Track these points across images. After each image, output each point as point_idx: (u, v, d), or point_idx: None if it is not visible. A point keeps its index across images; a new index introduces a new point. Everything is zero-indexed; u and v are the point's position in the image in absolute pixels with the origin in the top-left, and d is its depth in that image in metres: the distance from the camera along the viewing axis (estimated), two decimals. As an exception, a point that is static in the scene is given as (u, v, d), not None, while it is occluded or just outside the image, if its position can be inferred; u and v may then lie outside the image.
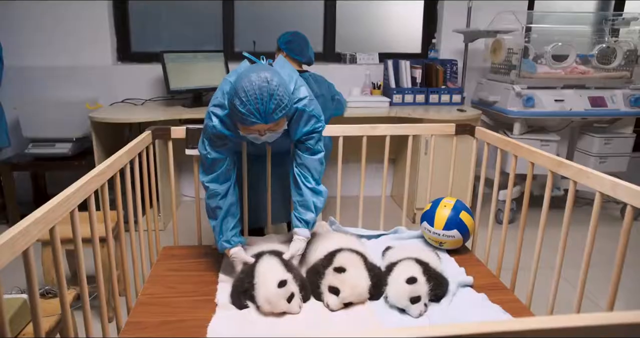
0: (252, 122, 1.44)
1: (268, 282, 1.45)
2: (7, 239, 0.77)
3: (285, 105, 1.45)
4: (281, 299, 1.43)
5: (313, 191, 1.74)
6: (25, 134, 3.03)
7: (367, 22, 3.65)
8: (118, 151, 1.42)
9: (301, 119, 1.67)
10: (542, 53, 3.19)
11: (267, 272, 1.50)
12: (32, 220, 0.86)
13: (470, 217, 1.85)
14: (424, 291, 1.46)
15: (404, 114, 3.01)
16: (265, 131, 1.51)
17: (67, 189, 1.04)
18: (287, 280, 1.46)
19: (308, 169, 1.74)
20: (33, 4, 3.17)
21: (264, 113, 1.42)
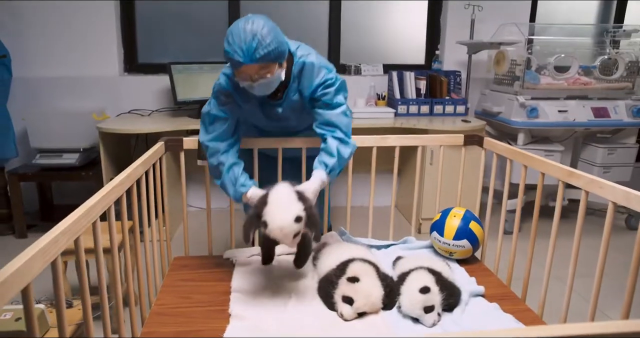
0: (237, 61, 1.49)
1: (285, 213, 1.38)
2: (40, 248, 0.78)
3: (268, 44, 1.49)
4: (292, 233, 1.38)
5: (340, 140, 1.69)
6: (33, 145, 3.05)
7: (370, 34, 3.69)
8: (135, 162, 1.44)
9: (309, 72, 1.67)
10: (545, 64, 3.23)
11: (282, 199, 1.42)
12: (60, 230, 0.87)
13: (480, 227, 1.87)
14: (437, 300, 1.47)
15: (410, 125, 3.04)
16: (255, 77, 1.54)
17: (89, 200, 1.06)
18: (302, 218, 1.39)
19: (332, 123, 1.69)
20: (41, 16, 3.20)
21: (247, 51, 1.48)
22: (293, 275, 1.75)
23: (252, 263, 1.82)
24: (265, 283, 1.69)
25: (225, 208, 3.48)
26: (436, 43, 3.67)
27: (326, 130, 1.70)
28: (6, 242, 3.02)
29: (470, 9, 3.39)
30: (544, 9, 3.78)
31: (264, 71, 1.54)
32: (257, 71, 1.53)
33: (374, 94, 3.46)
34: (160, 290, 1.66)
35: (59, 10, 3.22)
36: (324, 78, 1.67)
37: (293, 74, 1.71)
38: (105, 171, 2.89)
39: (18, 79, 3.16)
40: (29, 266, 0.74)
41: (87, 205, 1.01)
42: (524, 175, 1.68)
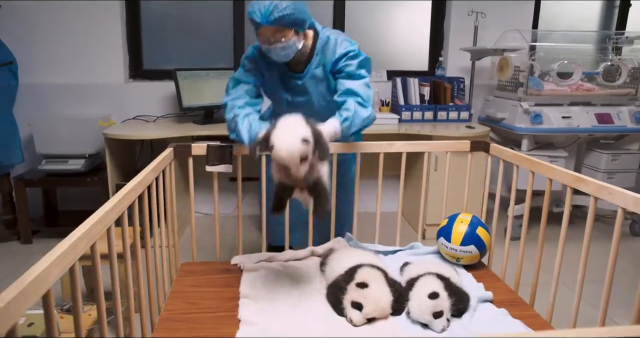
0: (255, 22, 1.66)
1: (291, 134, 1.35)
2: (59, 254, 0.79)
3: (284, 8, 1.63)
4: (298, 154, 1.33)
5: (359, 103, 1.73)
6: (39, 150, 3.06)
7: (374, 40, 3.72)
8: (145, 168, 1.45)
9: (332, 44, 1.81)
10: (548, 71, 3.25)
11: (290, 123, 1.40)
12: (78, 236, 0.88)
13: (487, 232, 1.87)
14: (446, 306, 1.48)
15: (414, 131, 3.05)
16: (272, 40, 1.69)
17: (104, 206, 1.07)
18: (309, 140, 1.36)
19: (353, 92, 1.74)
20: (48, 23, 3.23)
21: (264, 13, 1.63)
22: (301, 281, 1.75)
23: (260, 269, 1.83)
24: (273, 288, 1.69)
25: (231, 215, 3.50)
26: (439, 49, 3.70)
27: (346, 97, 1.75)
28: (11, 247, 3.03)
29: (474, 16, 3.41)
30: (546, 15, 3.81)
31: (279, 35, 1.68)
32: (273, 34, 1.68)
33: (378, 100, 3.47)
34: (168, 295, 1.67)
35: (65, 17, 3.25)
36: (347, 49, 1.78)
37: (317, 49, 1.85)
38: (110, 177, 2.90)
39: (24, 85, 3.18)
40: (49, 272, 0.75)
41: (102, 211, 1.02)
42: (531, 181, 1.69)
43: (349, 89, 1.77)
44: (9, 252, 2.95)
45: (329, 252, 1.90)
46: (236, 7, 3.45)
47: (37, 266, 0.74)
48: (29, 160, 3.24)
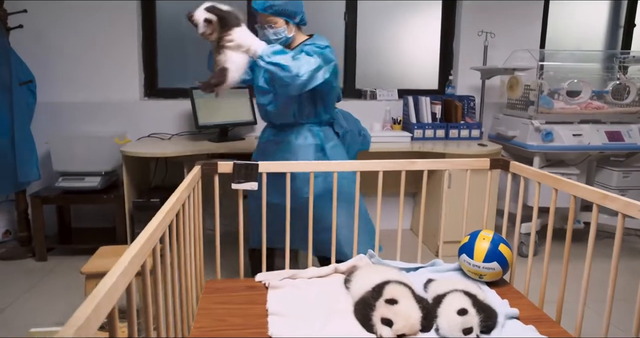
0: (253, 8, 2.03)
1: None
2: (121, 272, 0.81)
3: (275, 2, 2.00)
4: (203, 16, 1.82)
5: (294, 59, 1.90)
6: (56, 168, 3.09)
7: (384, 59, 3.78)
8: (179, 186, 1.47)
9: (312, 40, 2.13)
10: (556, 89, 3.30)
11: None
12: (133, 254, 0.90)
13: (509, 249, 1.89)
14: (475, 322, 1.49)
15: (427, 149, 3.09)
16: (265, 25, 2.06)
17: (150, 225, 1.09)
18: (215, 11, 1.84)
19: (298, 56, 1.93)
20: (65, 42, 3.29)
21: (261, 2, 2.00)
22: (327, 298, 1.76)
23: (285, 286, 1.84)
24: (301, 305, 1.70)
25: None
26: (449, 68, 3.76)
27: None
28: (27, 265, 3.04)
29: (484, 36, 3.48)
30: (552, 35, 3.88)
31: (271, 21, 2.05)
32: (266, 20, 2.04)
33: (390, 118, 3.52)
34: (196, 313, 1.68)
35: (82, 37, 3.31)
36: (317, 43, 2.03)
37: (303, 44, 2.12)
38: (127, 194, 2.93)
39: (42, 104, 3.23)
40: (115, 289, 0.77)
41: (149, 230, 1.04)
42: (555, 198, 1.72)
43: (296, 56, 1.95)
44: (25, 270, 2.96)
45: (352, 269, 1.91)
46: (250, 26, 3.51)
47: (104, 283, 0.76)
48: (44, 178, 3.27)
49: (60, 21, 3.27)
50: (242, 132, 3.43)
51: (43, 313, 2.43)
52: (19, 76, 2.99)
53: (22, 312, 2.44)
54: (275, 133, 2.29)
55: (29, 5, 3.09)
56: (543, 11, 3.72)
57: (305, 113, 2.21)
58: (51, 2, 3.23)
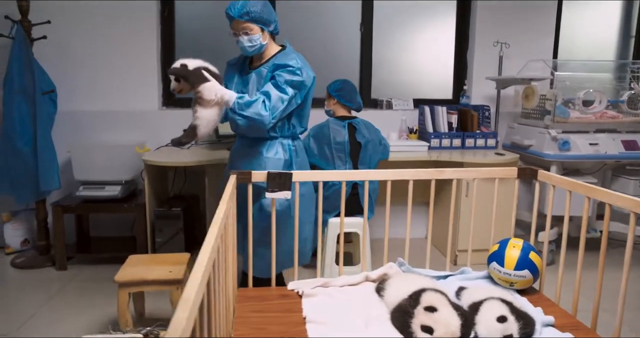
0: (229, 16, 2.03)
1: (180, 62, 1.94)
2: (199, 282, 0.83)
3: (253, 6, 2.01)
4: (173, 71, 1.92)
5: (264, 104, 1.98)
6: (77, 177, 3.11)
7: (399, 70, 3.82)
8: (223, 196, 1.50)
9: (284, 55, 2.13)
10: (570, 99, 3.34)
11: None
12: (204, 266, 0.92)
13: (539, 257, 1.91)
14: (515, 329, 1.50)
15: (446, 158, 3.11)
16: (240, 32, 2.05)
17: (209, 236, 1.11)
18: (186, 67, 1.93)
19: (269, 95, 2.00)
20: (86, 53, 3.33)
21: (237, 8, 2.00)
22: (361, 306, 1.78)
23: (318, 295, 1.85)
24: (337, 313, 1.71)
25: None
26: (463, 78, 3.80)
27: (259, 95, 2.03)
28: (47, 274, 3.04)
29: (498, 47, 3.53)
30: (564, 45, 3.93)
31: (246, 27, 2.04)
32: (242, 27, 2.04)
33: (406, 127, 3.55)
34: (234, 321, 1.69)
35: (102, 48, 3.35)
36: (290, 63, 2.06)
37: (275, 57, 2.15)
38: (149, 203, 2.94)
39: (62, 113, 3.25)
40: (197, 299, 0.79)
41: (210, 241, 1.06)
42: (587, 207, 1.74)
43: (267, 91, 2.02)
44: (46, 279, 2.96)
45: (383, 277, 1.93)
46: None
47: (188, 294, 0.78)
48: (63, 187, 3.28)
49: (81, 32, 3.32)
50: (260, 142, 3.46)
51: (69, 322, 2.43)
52: (42, 86, 3.02)
53: (48, 321, 2.44)
54: (246, 144, 2.24)
55: (52, 16, 3.12)
56: (556, 22, 3.77)
57: (277, 127, 2.18)
58: (73, 13, 3.28)
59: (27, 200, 3.14)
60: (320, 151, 2.69)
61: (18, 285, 2.88)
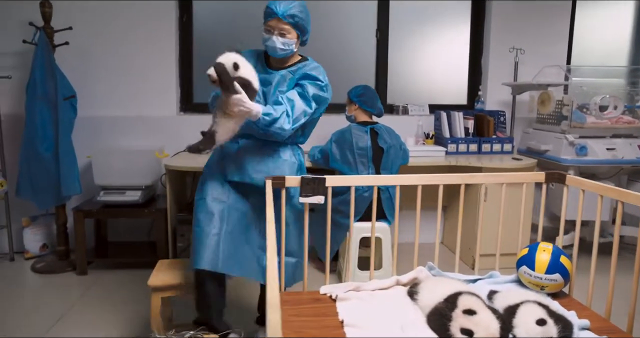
0: (271, 12, 1.91)
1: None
2: (277, 285, 0.85)
3: (300, 11, 1.93)
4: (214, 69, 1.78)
5: (287, 115, 1.89)
6: (97, 182, 3.12)
7: (414, 76, 3.85)
8: (268, 203, 1.51)
9: (310, 68, 2.03)
10: (584, 104, 3.37)
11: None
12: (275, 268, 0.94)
13: (569, 261, 1.93)
14: (554, 332, 1.51)
15: (465, 163, 3.13)
16: (276, 32, 1.93)
17: (269, 239, 1.12)
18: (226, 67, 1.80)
19: (293, 103, 1.92)
20: (106, 59, 3.36)
21: (284, 7, 1.90)
22: (395, 309, 1.79)
23: (351, 299, 1.86)
24: (372, 316, 1.72)
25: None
26: (477, 84, 3.83)
27: (283, 101, 1.93)
28: (68, 279, 3.05)
29: (514, 53, 3.56)
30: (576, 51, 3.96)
31: (285, 30, 1.93)
32: (282, 27, 1.93)
33: (422, 133, 3.57)
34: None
35: (121, 53, 3.38)
36: (318, 76, 1.99)
37: (299, 65, 2.05)
38: (170, 207, 2.96)
39: (81, 118, 3.26)
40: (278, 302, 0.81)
41: (273, 246, 1.08)
42: (621, 210, 1.76)
43: (292, 99, 1.93)
44: (67, 284, 2.97)
45: (414, 281, 1.95)
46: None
47: (272, 295, 0.80)
48: (83, 192, 3.29)
49: (101, 38, 3.34)
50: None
51: (96, 326, 2.44)
52: (63, 91, 3.04)
53: (75, 325, 2.44)
54: (259, 144, 2.08)
55: (73, 23, 3.15)
56: (569, 28, 3.81)
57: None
58: (93, 19, 3.30)
59: (48, 206, 3.15)
60: (343, 156, 2.71)
61: (40, 289, 2.89)
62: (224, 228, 1.98)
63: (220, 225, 1.97)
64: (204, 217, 1.99)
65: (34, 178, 3.02)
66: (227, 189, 2.07)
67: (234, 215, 2.03)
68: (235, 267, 1.96)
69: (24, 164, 3.02)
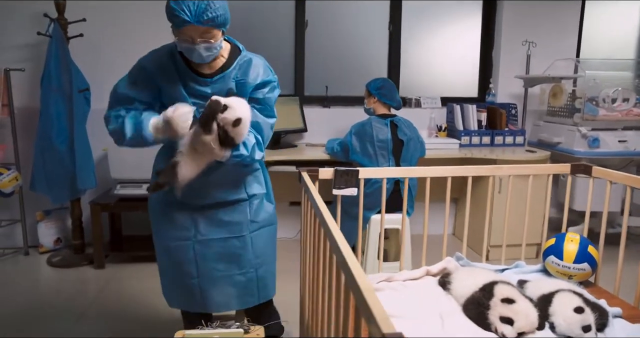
0: (182, 20, 1.47)
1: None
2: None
3: (217, 8, 1.49)
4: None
5: (258, 144, 1.68)
6: (114, 175, 3.11)
7: (423, 67, 3.87)
8: (314, 194, 1.52)
9: (257, 67, 1.68)
10: (593, 97, 3.40)
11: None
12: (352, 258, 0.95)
13: (596, 250, 1.96)
14: (592, 320, 1.54)
15: (479, 155, 3.16)
16: (198, 40, 1.52)
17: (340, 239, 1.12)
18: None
19: (260, 128, 1.68)
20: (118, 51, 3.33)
21: (195, 11, 1.46)
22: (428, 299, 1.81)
23: (384, 289, 1.89)
24: (408, 306, 1.75)
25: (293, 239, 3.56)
26: (488, 77, 3.85)
27: (252, 130, 1.67)
28: (85, 273, 3.04)
29: (526, 46, 3.58)
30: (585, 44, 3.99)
31: (209, 35, 1.53)
32: (202, 34, 1.52)
33: (434, 125, 3.59)
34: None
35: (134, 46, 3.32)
36: (269, 78, 1.71)
37: (237, 63, 1.69)
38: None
39: (94, 111, 3.23)
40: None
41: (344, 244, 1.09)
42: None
43: (257, 123, 1.68)
44: (86, 277, 2.97)
45: (444, 271, 1.98)
46: (298, 36, 3.59)
47: (369, 288, 0.81)
48: (101, 185, 3.28)
49: (114, 30, 3.31)
50: (292, 139, 3.49)
51: (122, 320, 2.45)
52: (77, 84, 3.01)
53: (99, 319, 2.45)
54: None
55: (86, 15, 3.12)
56: (579, 22, 3.84)
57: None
58: (106, 12, 3.27)
59: (63, 200, 3.13)
60: (363, 149, 2.72)
61: (59, 284, 2.88)
62: (199, 271, 1.78)
63: (194, 271, 1.78)
64: (172, 267, 1.81)
65: (49, 172, 3.00)
66: (188, 218, 1.78)
67: (208, 249, 1.78)
68: (222, 306, 1.83)
69: (39, 157, 2.99)
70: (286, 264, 2.38)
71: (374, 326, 0.69)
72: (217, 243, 1.79)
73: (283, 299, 2.13)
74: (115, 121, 1.67)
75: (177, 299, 1.89)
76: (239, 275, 1.82)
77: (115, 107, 1.68)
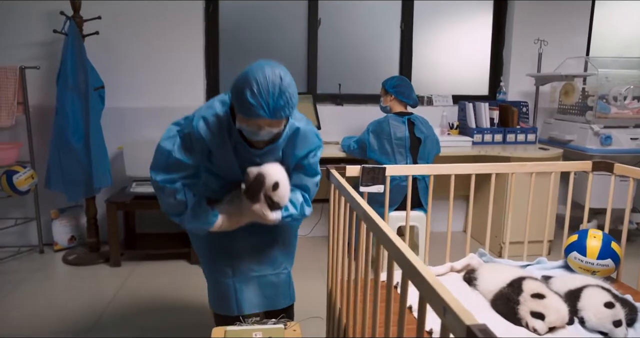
0: (257, 114, 1.42)
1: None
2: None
3: (293, 104, 1.47)
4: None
5: (306, 202, 1.73)
6: (129, 173, 3.11)
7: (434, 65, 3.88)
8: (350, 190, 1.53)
9: (303, 138, 1.66)
10: (603, 94, 3.43)
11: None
12: (405, 249, 0.96)
13: (619, 246, 1.98)
14: (622, 315, 1.56)
15: (493, 153, 3.18)
16: (264, 126, 1.47)
17: (391, 234, 1.14)
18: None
19: (307, 188, 1.73)
20: (133, 48, 3.33)
21: (273, 108, 1.42)
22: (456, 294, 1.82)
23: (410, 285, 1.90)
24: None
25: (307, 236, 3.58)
26: (499, 75, 3.87)
27: (297, 189, 1.73)
28: (101, 270, 3.05)
29: (538, 44, 3.60)
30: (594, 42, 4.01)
31: (277, 124, 1.50)
32: (271, 124, 1.48)
33: (446, 123, 3.61)
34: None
35: (149, 44, 3.36)
36: (315, 145, 1.70)
37: (286, 134, 1.62)
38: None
39: (108, 109, 3.24)
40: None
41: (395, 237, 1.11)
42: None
43: (304, 184, 1.74)
44: (102, 275, 2.97)
45: (467, 267, 2.00)
46: (310, 34, 3.60)
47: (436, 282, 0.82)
48: (116, 183, 3.28)
49: (129, 28, 3.31)
50: (305, 138, 3.50)
51: (145, 316, 2.45)
52: (93, 82, 3.01)
53: (120, 317, 2.45)
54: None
55: (101, 13, 3.12)
56: (589, 21, 3.86)
57: None
58: (121, 10, 3.27)
59: (79, 198, 3.13)
60: (381, 147, 2.74)
61: (77, 282, 2.88)
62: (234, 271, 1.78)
63: (229, 271, 1.78)
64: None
65: (65, 170, 3.00)
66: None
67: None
68: (259, 306, 1.81)
69: (55, 155, 2.99)
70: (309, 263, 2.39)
71: (453, 318, 0.70)
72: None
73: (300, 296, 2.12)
74: (171, 197, 1.62)
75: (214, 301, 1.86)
76: (272, 275, 1.82)
77: (165, 171, 1.61)
